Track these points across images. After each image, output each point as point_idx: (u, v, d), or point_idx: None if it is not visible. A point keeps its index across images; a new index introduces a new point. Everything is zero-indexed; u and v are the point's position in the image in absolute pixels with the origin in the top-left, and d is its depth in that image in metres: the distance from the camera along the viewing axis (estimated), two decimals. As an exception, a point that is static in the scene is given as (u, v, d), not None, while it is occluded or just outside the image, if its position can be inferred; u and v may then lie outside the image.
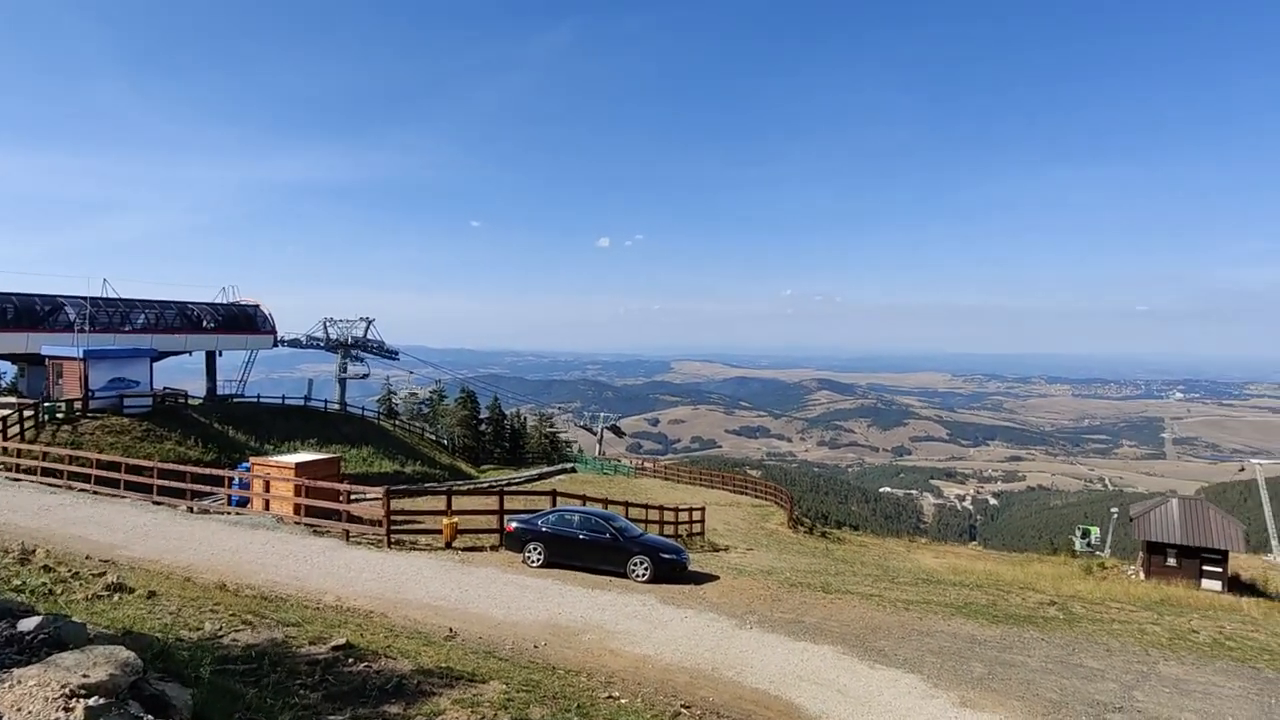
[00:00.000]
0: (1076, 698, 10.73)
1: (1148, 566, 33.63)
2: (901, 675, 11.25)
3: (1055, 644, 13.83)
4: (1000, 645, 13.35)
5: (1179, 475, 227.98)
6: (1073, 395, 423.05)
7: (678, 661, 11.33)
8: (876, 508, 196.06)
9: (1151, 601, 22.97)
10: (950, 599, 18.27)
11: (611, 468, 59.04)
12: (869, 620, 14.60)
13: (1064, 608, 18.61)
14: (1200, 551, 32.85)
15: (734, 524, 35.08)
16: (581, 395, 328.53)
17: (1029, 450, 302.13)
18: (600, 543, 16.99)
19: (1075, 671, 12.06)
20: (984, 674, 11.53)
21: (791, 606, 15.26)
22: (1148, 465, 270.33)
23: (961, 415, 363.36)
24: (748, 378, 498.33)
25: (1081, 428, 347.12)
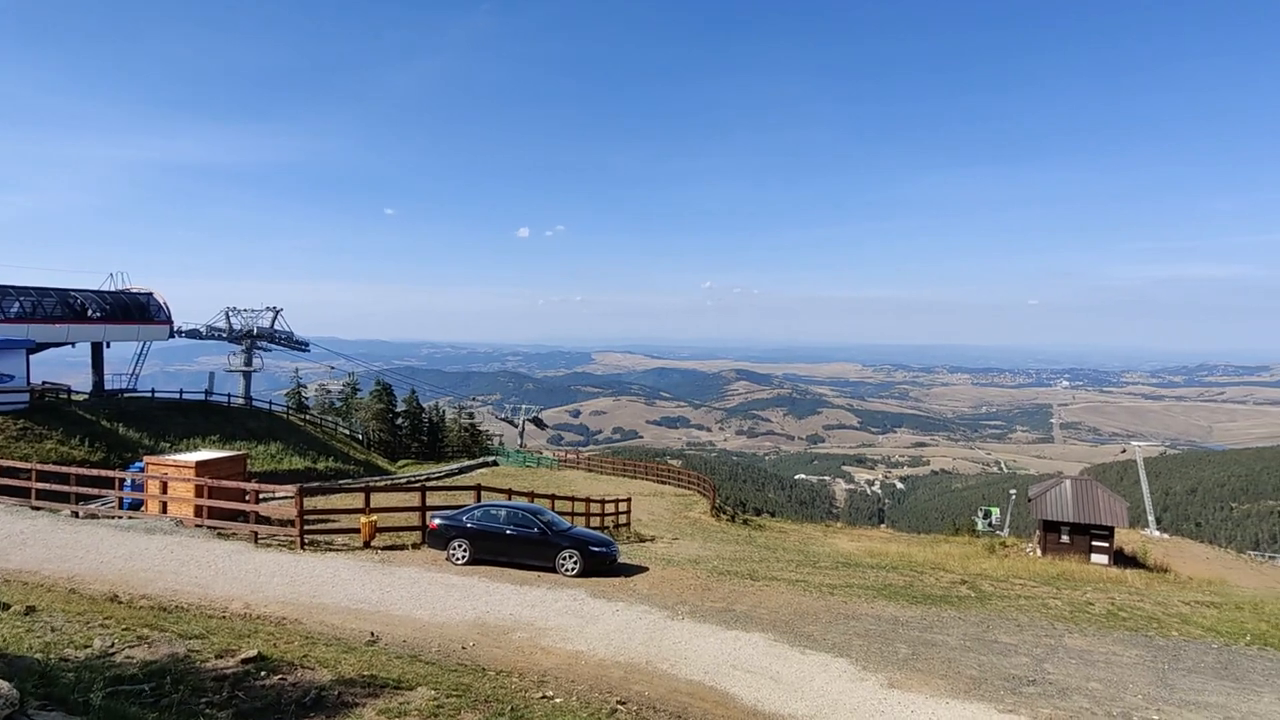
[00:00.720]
0: (994, 673, 11.18)
1: (1044, 543, 35.83)
2: (831, 659, 11.43)
3: (971, 622, 14.42)
4: (921, 625, 13.81)
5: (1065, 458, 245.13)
6: (972, 384, 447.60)
7: (611, 656, 11.15)
8: (792, 494, 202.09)
9: (1050, 577, 24.41)
10: (870, 582, 18.84)
11: (534, 460, 58.31)
12: (797, 606, 14.83)
13: (974, 586, 19.51)
14: (1090, 528, 35.23)
15: (658, 514, 35.22)
16: (502, 387, 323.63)
17: (932, 436, 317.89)
18: (528, 537, 16.61)
19: (991, 648, 12.59)
20: (909, 655, 11.87)
21: (721, 595, 15.33)
22: (1038, 449, 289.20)
23: (871, 404, 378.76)
24: (668, 369, 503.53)
25: (979, 414, 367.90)
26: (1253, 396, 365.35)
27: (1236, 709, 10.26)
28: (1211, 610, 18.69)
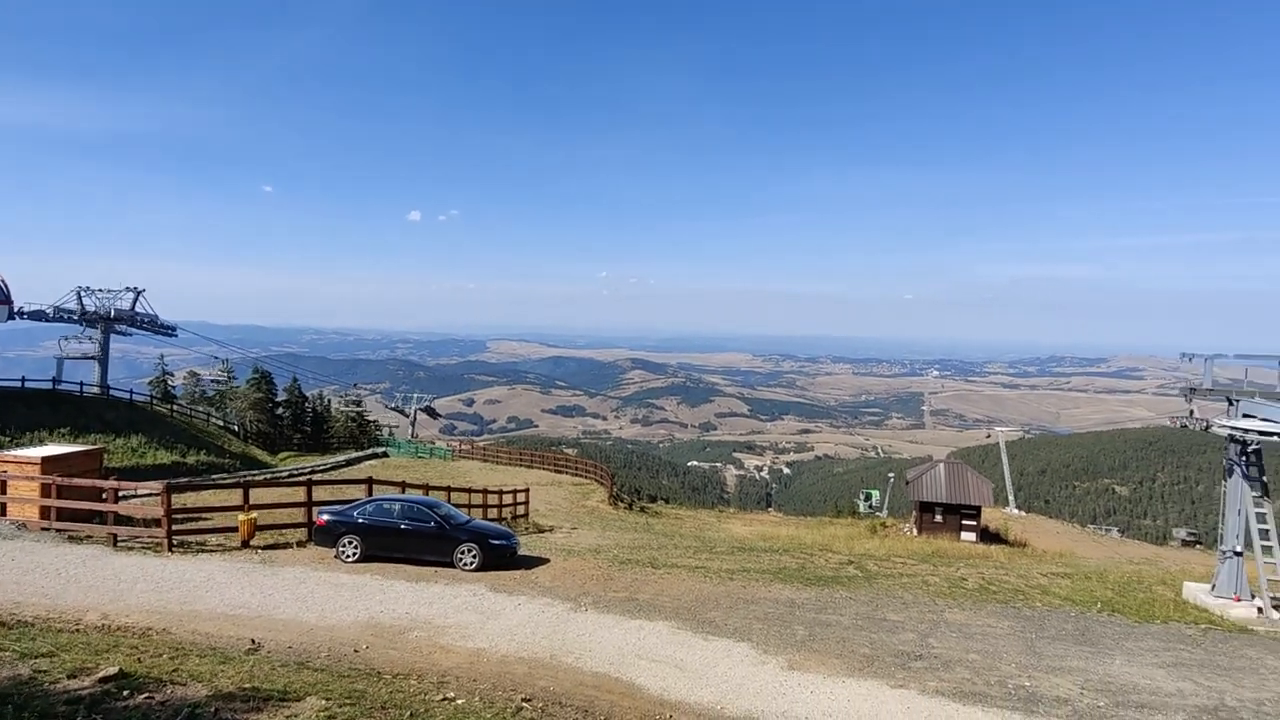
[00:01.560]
0: (884, 650, 11.74)
1: (920, 523, 38.22)
2: (733, 645, 11.64)
3: (861, 601, 15.11)
4: (816, 607, 14.33)
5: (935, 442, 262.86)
6: (853, 374, 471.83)
7: (514, 652, 10.87)
8: (685, 481, 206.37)
9: (926, 554, 26.02)
10: (766, 565, 19.40)
11: (427, 451, 56.48)
12: (698, 592, 15.03)
13: (860, 566, 20.49)
14: (960, 508, 37.89)
15: (556, 503, 34.93)
16: (391, 376, 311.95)
17: (817, 423, 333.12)
18: (424, 532, 15.95)
19: (880, 625, 13.22)
20: (806, 636, 12.26)
21: (624, 585, 15.32)
22: (911, 434, 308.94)
23: (761, 392, 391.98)
24: (564, 357, 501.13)
25: (860, 402, 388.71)
26: (1093, 385, 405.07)
27: (1094, 671, 11.25)
28: (1066, 581, 20.50)
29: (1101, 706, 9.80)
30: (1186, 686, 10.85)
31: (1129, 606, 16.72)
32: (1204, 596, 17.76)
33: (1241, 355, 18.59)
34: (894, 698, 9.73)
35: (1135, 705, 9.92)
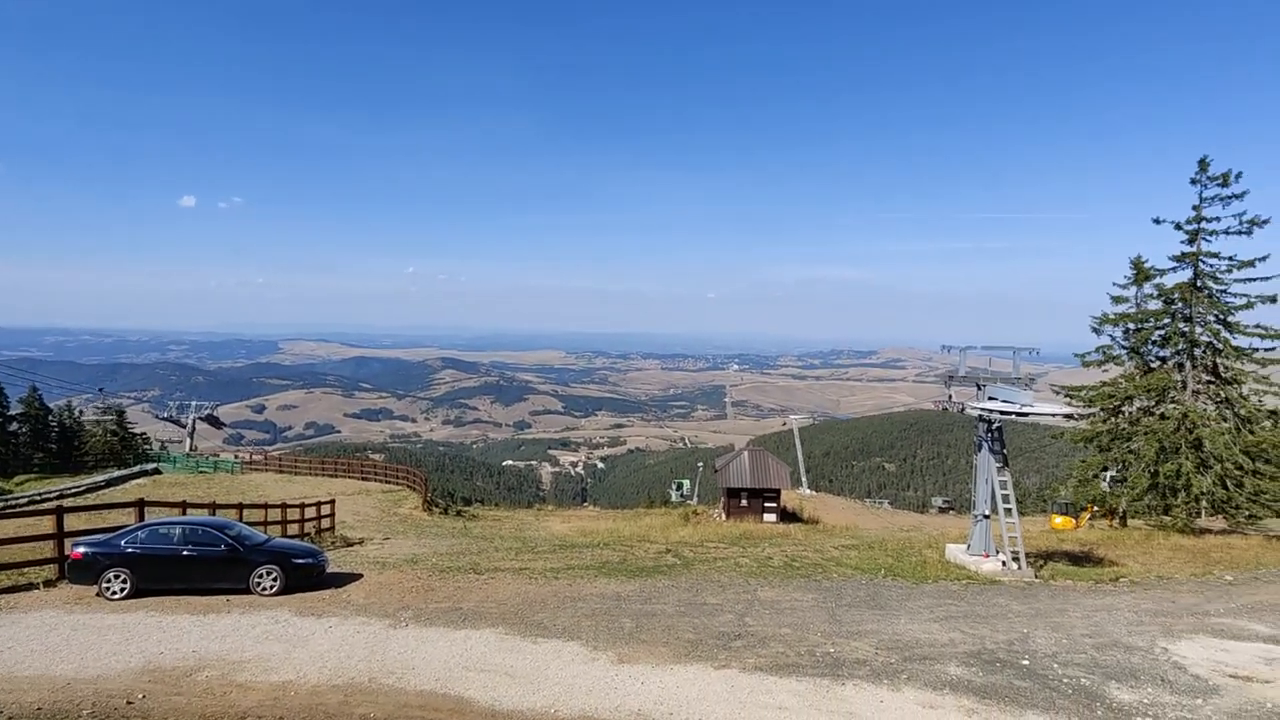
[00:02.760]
0: (707, 633, 12.28)
1: (728, 508, 40.63)
2: (563, 644, 11.57)
3: (682, 588, 15.71)
4: (641, 598, 14.67)
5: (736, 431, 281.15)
6: (661, 369, 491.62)
7: (327, 680, 9.97)
8: (500, 481, 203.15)
9: (735, 537, 27.72)
10: (589, 561, 19.57)
11: (210, 465, 50.48)
12: (524, 595, 14.79)
13: (678, 554, 21.34)
14: (763, 492, 40.79)
15: (366, 513, 32.77)
16: (162, 381, 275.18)
17: (629, 418, 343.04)
18: (213, 557, 14.15)
19: (702, 610, 13.83)
20: (633, 628, 12.50)
21: (446, 594, 14.68)
22: (715, 425, 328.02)
23: (575, 389, 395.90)
24: (369, 358, 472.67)
25: (668, 396, 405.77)
26: (867, 375, 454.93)
27: (885, 632, 12.59)
28: (854, 552, 22.81)
29: (894, 663, 10.97)
30: (956, 636, 12.49)
31: (906, 570, 18.95)
32: (962, 555, 20.59)
33: (988, 347, 21.73)
34: (718, 679, 10.20)
35: (919, 658, 11.23)
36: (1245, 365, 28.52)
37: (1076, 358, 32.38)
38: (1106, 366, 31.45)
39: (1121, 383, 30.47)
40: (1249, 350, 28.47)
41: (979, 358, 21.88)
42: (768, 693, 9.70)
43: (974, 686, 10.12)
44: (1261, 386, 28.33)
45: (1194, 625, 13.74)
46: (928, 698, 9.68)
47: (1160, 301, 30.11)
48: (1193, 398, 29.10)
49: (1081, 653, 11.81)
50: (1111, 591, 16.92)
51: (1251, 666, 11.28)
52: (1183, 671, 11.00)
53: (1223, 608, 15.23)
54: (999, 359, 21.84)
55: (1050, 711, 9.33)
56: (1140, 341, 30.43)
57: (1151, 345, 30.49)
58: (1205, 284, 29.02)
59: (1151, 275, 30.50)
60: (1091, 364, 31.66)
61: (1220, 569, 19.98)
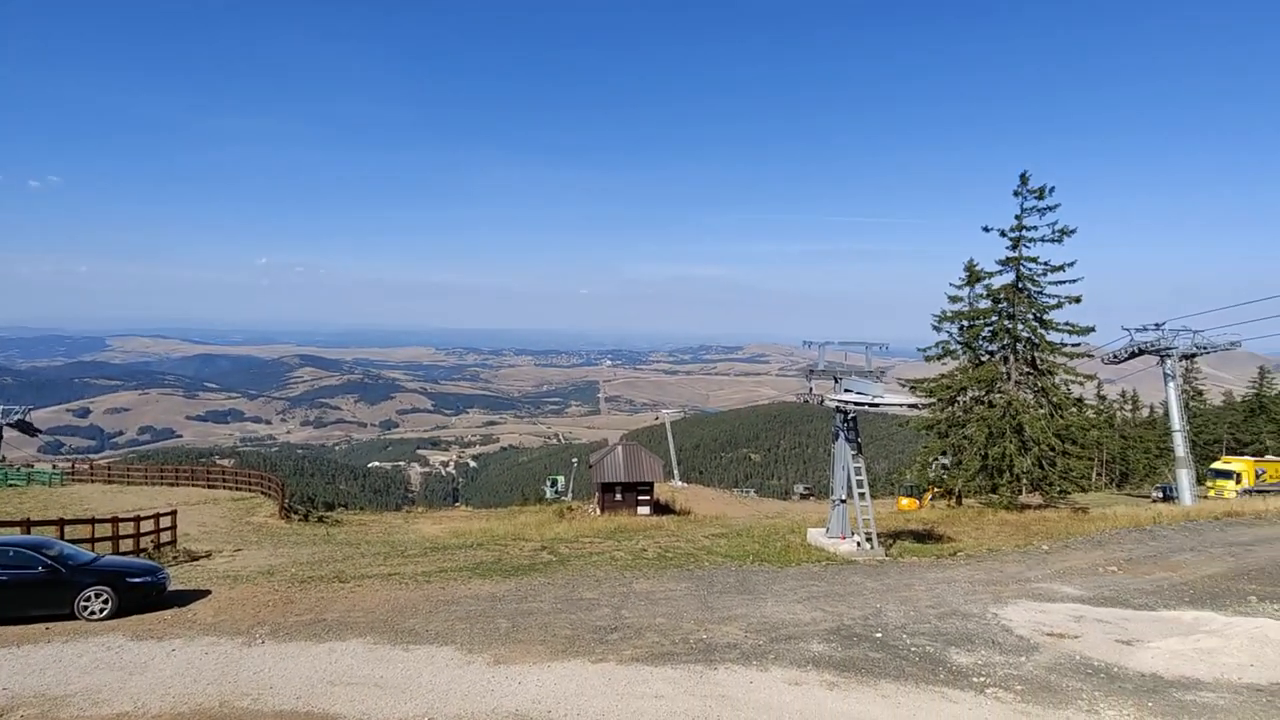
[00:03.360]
0: (584, 628, 12.35)
1: (602, 503, 40.92)
2: (437, 650, 11.25)
3: (558, 585, 15.70)
4: (517, 597, 14.52)
5: (609, 426, 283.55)
6: (535, 365, 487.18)
7: (171, 708, 9.15)
8: (366, 483, 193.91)
9: (610, 531, 27.99)
10: (462, 563, 19.12)
11: (21, 476, 44.64)
12: (394, 601, 14.23)
13: (553, 551, 21.29)
14: (637, 485, 41.41)
15: (213, 524, 30.23)
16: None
17: (501, 415, 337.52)
18: (29, 580, 12.56)
19: (578, 605, 13.88)
20: (510, 628, 12.36)
21: (308, 606, 13.85)
22: (589, 420, 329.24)
23: (445, 387, 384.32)
24: (215, 355, 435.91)
25: (541, 392, 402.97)
26: (733, 370, 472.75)
27: (754, 615, 13.19)
28: (724, 540, 23.68)
29: (762, 644, 11.52)
30: (818, 615, 13.30)
31: (772, 555, 19.92)
32: (821, 538, 21.92)
33: (844, 342, 23.19)
34: (596, 672, 10.30)
35: (785, 638, 11.86)
36: (1057, 358, 32.23)
37: (919, 352, 35.30)
38: (945, 360, 34.56)
39: (957, 375, 33.53)
40: (1060, 345, 32.18)
41: (836, 352, 23.31)
42: (644, 682, 9.91)
43: (834, 661, 10.82)
44: (1070, 377, 32.13)
45: (1018, 591, 15.38)
46: (793, 675, 10.25)
47: (989, 301, 33.42)
48: (1015, 388, 32.50)
49: (926, 623, 12.92)
50: (950, 565, 18.61)
51: (1064, 625, 12.79)
52: (1009, 633, 12.30)
53: (1041, 574, 17.16)
54: (853, 353, 23.37)
55: (900, 679, 10.14)
56: (973, 337, 33.62)
57: (982, 341, 33.76)
58: (1025, 286, 32.49)
59: (982, 277, 33.77)
60: (932, 358, 34.64)
61: (1038, 540, 22.46)
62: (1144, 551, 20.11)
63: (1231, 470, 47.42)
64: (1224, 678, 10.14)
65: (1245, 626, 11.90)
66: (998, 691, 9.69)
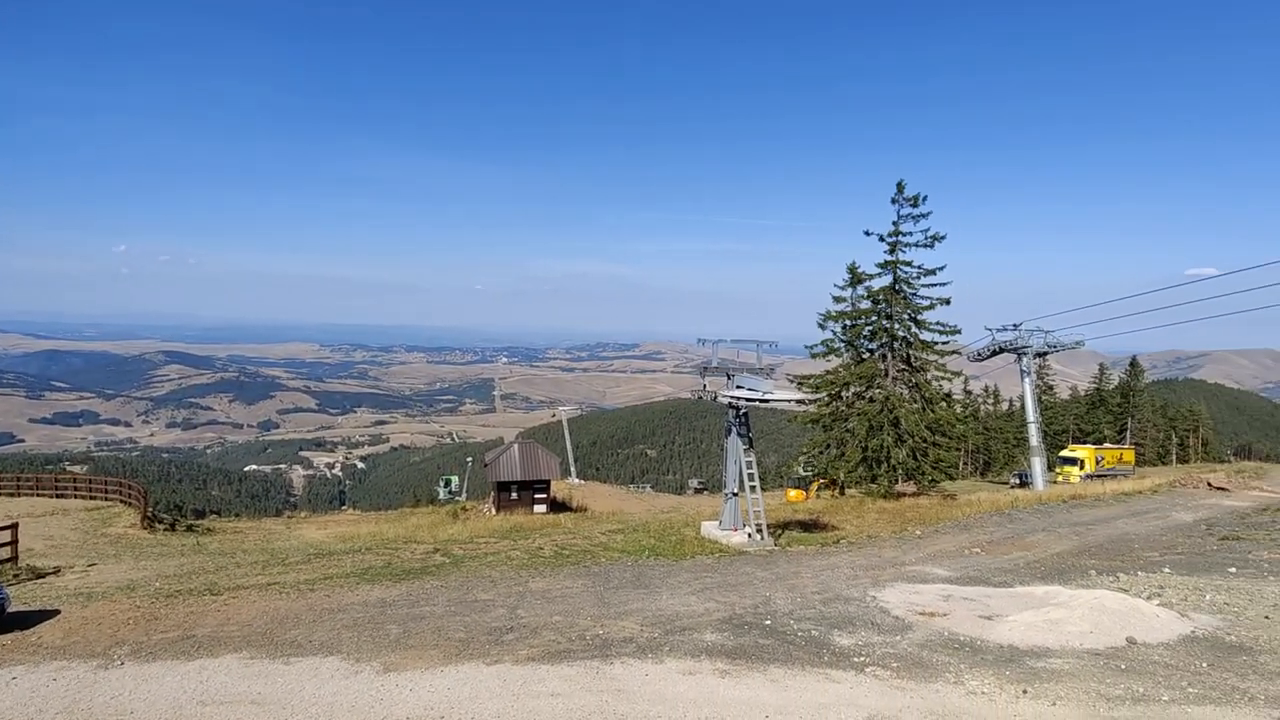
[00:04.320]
0: (478, 630, 12.13)
1: (498, 502, 40.29)
2: (321, 661, 10.74)
3: (452, 587, 15.34)
4: (409, 601, 14.07)
5: (505, 424, 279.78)
6: (427, 362, 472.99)
7: (12, 743, 8.29)
8: (242, 488, 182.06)
9: (506, 531, 27.64)
10: (349, 568, 18.32)
11: None
12: (273, 612, 13.44)
13: (447, 552, 20.78)
14: (533, 484, 41.04)
15: (63, 537, 27.47)
16: None
17: (392, 414, 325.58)
18: None
19: (472, 607, 13.62)
20: (400, 634, 11.96)
21: (175, 622, 12.86)
22: (484, 418, 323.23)
23: (330, 385, 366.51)
24: (64, 351, 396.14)
25: (434, 390, 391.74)
26: (630, 367, 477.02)
27: (649, 609, 13.39)
28: (620, 536, 23.90)
29: (657, 637, 11.72)
30: (711, 605, 13.66)
31: (667, 549, 20.29)
32: (715, 531, 22.52)
33: (735, 340, 23.90)
34: (491, 674, 10.15)
35: (680, 630, 12.11)
36: (929, 356, 34.55)
37: (807, 350, 36.89)
38: (830, 357, 36.31)
39: (841, 371, 35.30)
40: (932, 343, 34.52)
41: (729, 350, 24.00)
42: (540, 681, 9.86)
43: (726, 649, 11.16)
44: (940, 373, 34.54)
45: (894, 575, 16.39)
46: (687, 665, 10.49)
47: (870, 302, 35.37)
48: (892, 383, 34.57)
49: (812, 608, 13.54)
50: (834, 552, 19.59)
51: (934, 604, 13.74)
52: (886, 614, 13.09)
53: (914, 557, 18.36)
54: (745, 351, 24.16)
55: (787, 663, 10.59)
56: (855, 336, 35.50)
57: (863, 339, 35.70)
58: (902, 288, 34.60)
59: (863, 279, 35.67)
60: (818, 355, 36.30)
61: (912, 525, 24.01)
62: (1003, 533, 21.92)
63: (1076, 457, 52.44)
64: (1069, 645, 11.21)
65: (1086, 598, 13.19)
66: (876, 669, 10.30)
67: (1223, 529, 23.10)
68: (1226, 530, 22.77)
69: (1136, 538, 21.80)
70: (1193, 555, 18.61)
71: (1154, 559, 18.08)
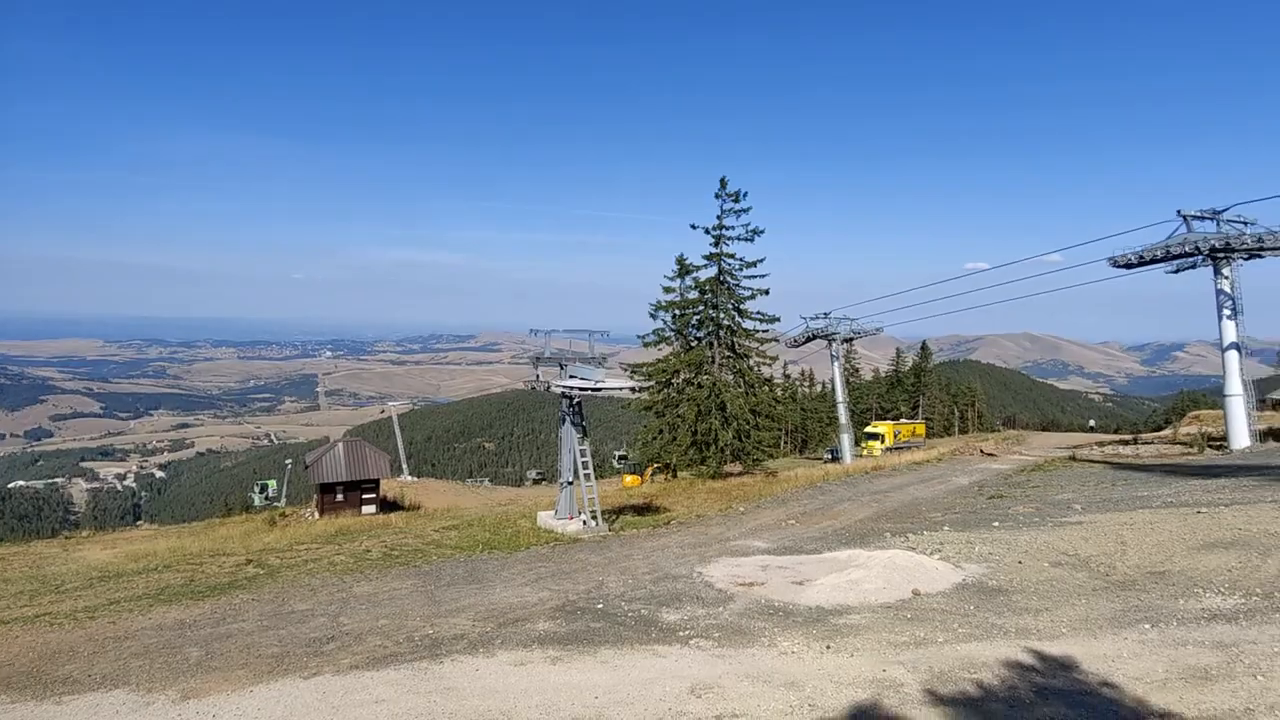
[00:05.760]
0: (295, 643, 11.37)
1: (322, 505, 37.86)
2: (104, 696, 9.57)
3: (265, 600, 14.23)
4: (213, 621, 12.88)
5: (331, 423, 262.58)
6: (239, 358, 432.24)
7: None
8: (6, 508, 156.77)
9: (331, 535, 26.05)
10: (141, 590, 16.45)
11: None
12: (43, 647, 11.77)
13: (261, 563, 19.26)
14: (360, 484, 38.97)
15: None
16: None
17: (197, 416, 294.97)
18: None
19: (288, 619, 12.74)
20: (202, 656, 10.93)
21: (-92, 672, 10.88)
22: (306, 417, 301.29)
23: (119, 385, 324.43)
24: None
25: (248, 388, 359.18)
26: (466, 359, 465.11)
27: (483, 604, 13.24)
28: (455, 532, 23.37)
29: (489, 631, 11.62)
30: (545, 595, 13.76)
31: (503, 542, 20.13)
32: (551, 520, 22.66)
33: (569, 330, 24.12)
34: (308, 688, 9.57)
35: (513, 621, 12.10)
36: (751, 343, 36.85)
37: (639, 339, 37.96)
38: (661, 346, 37.64)
39: (671, 359, 36.74)
40: (754, 331, 36.84)
41: (562, 340, 24.16)
42: (364, 690, 9.45)
43: (559, 636, 11.30)
44: (761, 359, 36.97)
45: (719, 550, 17.38)
46: (519, 656, 10.51)
47: (697, 292, 37.03)
48: (719, 370, 36.50)
49: (642, 588, 14.04)
50: (665, 533, 20.41)
51: (754, 575, 14.75)
52: (711, 588, 13.87)
53: (738, 532, 19.57)
54: (579, 340, 24.41)
55: (618, 644, 10.92)
56: (684, 325, 37.06)
57: (691, 328, 37.37)
58: (726, 279, 36.55)
59: (691, 270, 37.25)
60: (650, 344, 37.50)
61: (737, 503, 25.55)
62: (815, 505, 23.92)
63: (878, 433, 58.31)
64: (866, 601, 12.51)
65: (881, 558, 14.77)
66: (700, 641, 10.90)
67: (991, 489, 26.73)
68: (993, 490, 26.38)
69: (924, 501, 24.68)
70: (967, 514, 21.38)
71: (937, 519, 20.56)
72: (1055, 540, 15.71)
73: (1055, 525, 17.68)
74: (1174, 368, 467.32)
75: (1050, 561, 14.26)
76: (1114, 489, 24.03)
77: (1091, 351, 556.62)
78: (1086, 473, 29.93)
